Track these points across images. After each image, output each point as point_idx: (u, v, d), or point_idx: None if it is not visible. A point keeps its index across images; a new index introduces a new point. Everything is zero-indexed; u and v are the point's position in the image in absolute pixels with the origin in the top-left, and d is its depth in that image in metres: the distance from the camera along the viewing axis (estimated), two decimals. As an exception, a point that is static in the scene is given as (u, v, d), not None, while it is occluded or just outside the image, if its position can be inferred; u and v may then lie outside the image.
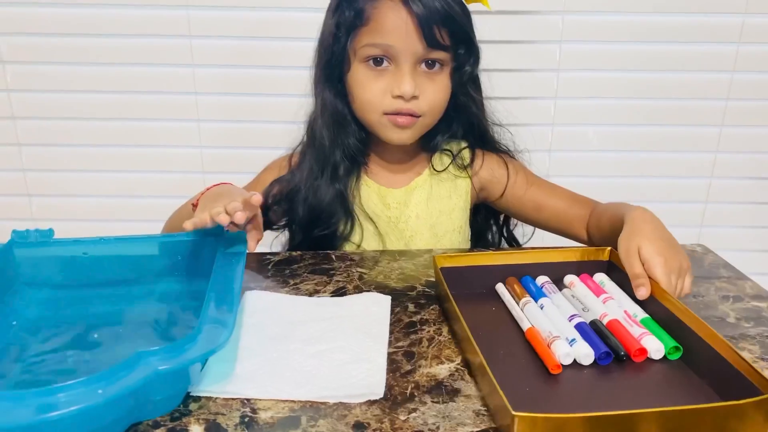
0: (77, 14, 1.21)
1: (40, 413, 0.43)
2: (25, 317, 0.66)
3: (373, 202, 0.90)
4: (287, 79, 1.24)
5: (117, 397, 0.45)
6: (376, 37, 0.79)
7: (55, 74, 1.25)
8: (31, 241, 0.69)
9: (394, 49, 0.79)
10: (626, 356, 0.58)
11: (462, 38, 0.81)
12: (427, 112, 0.83)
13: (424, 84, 0.81)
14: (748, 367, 0.50)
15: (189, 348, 0.50)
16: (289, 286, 0.73)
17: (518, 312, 0.65)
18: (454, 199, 0.91)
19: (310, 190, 0.86)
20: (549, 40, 1.23)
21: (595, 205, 0.88)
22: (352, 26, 0.81)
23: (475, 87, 0.88)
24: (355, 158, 0.88)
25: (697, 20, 1.21)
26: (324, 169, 0.86)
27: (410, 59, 0.79)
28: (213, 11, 1.21)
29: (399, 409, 0.52)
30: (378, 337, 0.61)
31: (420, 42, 0.78)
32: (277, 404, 0.52)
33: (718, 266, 0.79)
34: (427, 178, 0.91)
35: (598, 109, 1.28)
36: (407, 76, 0.79)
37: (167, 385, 0.50)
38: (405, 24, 0.77)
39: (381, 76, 0.81)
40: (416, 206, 0.90)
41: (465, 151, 0.92)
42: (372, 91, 0.81)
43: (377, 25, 0.79)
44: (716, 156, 1.31)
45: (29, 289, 0.69)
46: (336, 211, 0.86)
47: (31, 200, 1.34)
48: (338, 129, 0.86)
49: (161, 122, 1.29)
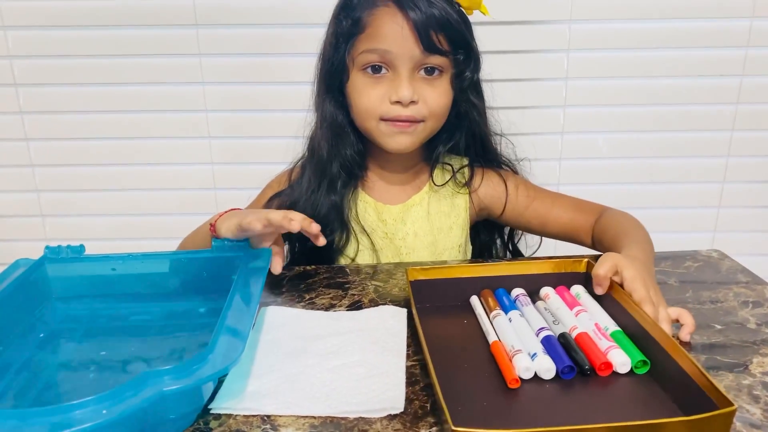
0: (88, 35, 1.22)
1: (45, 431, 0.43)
2: (53, 330, 0.67)
3: (369, 216, 0.89)
4: (296, 94, 1.24)
5: (122, 417, 0.45)
6: (373, 43, 0.79)
7: (66, 95, 1.26)
8: (62, 256, 0.71)
9: (391, 55, 0.79)
10: (591, 370, 0.57)
11: (460, 44, 0.81)
12: (429, 117, 0.82)
13: (423, 89, 0.81)
14: (707, 383, 0.49)
15: (199, 368, 0.49)
16: (305, 301, 0.73)
17: (487, 325, 0.64)
18: (453, 217, 0.90)
19: (308, 203, 0.86)
20: (557, 49, 1.23)
21: (602, 213, 0.87)
22: (350, 35, 0.81)
23: (477, 94, 0.88)
24: (352, 170, 0.88)
25: (705, 25, 1.21)
26: (321, 182, 0.86)
27: (408, 64, 0.79)
28: (222, 29, 1.22)
29: (420, 423, 0.51)
30: (396, 350, 0.61)
31: (417, 47, 0.78)
32: (297, 420, 0.52)
33: (736, 272, 0.78)
34: (426, 195, 0.91)
35: (607, 116, 1.28)
36: (405, 81, 0.79)
37: (179, 404, 0.50)
38: (402, 29, 0.78)
39: (379, 82, 0.81)
40: (414, 224, 0.89)
41: (465, 169, 0.91)
42: (370, 98, 0.81)
43: (374, 31, 0.79)
44: (728, 160, 1.30)
45: (60, 304, 0.71)
46: (331, 223, 0.86)
47: (45, 220, 1.35)
48: (337, 140, 0.86)
49: (172, 140, 1.30)
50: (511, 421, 0.51)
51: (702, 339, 0.63)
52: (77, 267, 0.72)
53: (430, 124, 0.84)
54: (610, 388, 0.56)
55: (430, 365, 0.52)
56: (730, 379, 0.56)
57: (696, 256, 0.83)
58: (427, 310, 0.68)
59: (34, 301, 0.69)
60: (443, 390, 0.50)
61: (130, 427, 0.47)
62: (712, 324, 0.66)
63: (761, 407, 0.52)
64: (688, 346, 0.62)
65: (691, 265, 0.80)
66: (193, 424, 0.52)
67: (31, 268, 0.69)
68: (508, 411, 0.53)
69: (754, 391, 0.54)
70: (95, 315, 0.70)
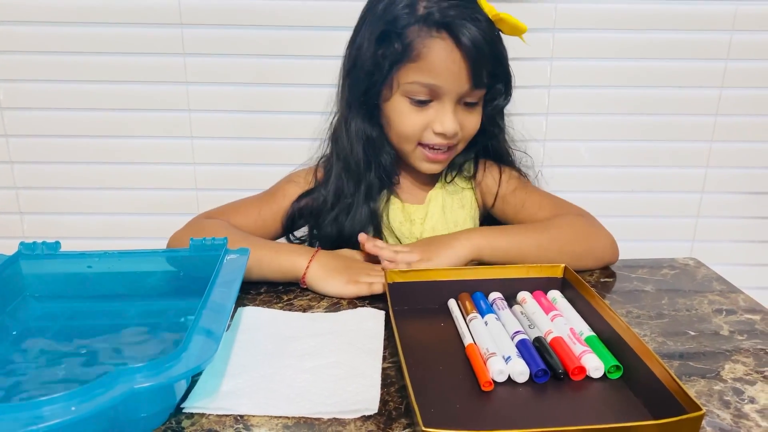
0: (70, 32, 1.21)
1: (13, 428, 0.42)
2: (26, 328, 0.66)
3: (398, 220, 0.90)
4: (281, 96, 1.24)
5: (91, 414, 0.44)
6: (425, 76, 0.79)
7: (47, 92, 1.25)
8: (37, 253, 0.70)
9: (441, 89, 0.80)
10: (564, 374, 0.57)
11: (503, 77, 0.83)
12: (462, 140, 0.85)
13: (463, 118, 0.83)
14: (677, 387, 0.49)
15: (171, 366, 0.49)
16: (282, 302, 0.73)
17: (463, 328, 0.64)
18: (465, 210, 0.92)
19: (341, 208, 0.86)
20: (540, 57, 1.24)
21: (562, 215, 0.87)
22: (399, 59, 0.79)
23: (501, 117, 0.91)
24: (389, 177, 0.89)
25: (686, 37, 1.23)
26: (359, 188, 0.87)
27: (454, 97, 0.81)
28: (207, 29, 1.21)
29: (394, 424, 0.51)
30: (372, 352, 0.61)
31: (468, 83, 0.79)
32: (270, 420, 0.52)
33: (711, 280, 0.79)
34: (439, 190, 0.92)
35: (589, 125, 1.29)
36: (451, 114, 0.81)
37: (151, 402, 0.50)
38: (455, 65, 0.78)
39: (423, 111, 0.82)
40: (431, 218, 0.91)
41: (470, 162, 0.93)
42: (412, 126, 0.82)
43: (427, 64, 0.78)
44: (707, 171, 1.32)
45: (34, 301, 0.70)
46: (365, 228, 0.87)
47: (23, 218, 1.33)
48: (372, 150, 0.87)
49: (154, 139, 1.28)
50: (483, 423, 0.51)
51: (676, 345, 0.64)
52: (52, 264, 0.71)
53: (461, 146, 0.87)
54: (583, 392, 0.56)
55: (404, 366, 0.52)
56: (701, 384, 0.57)
57: (673, 263, 0.84)
58: (404, 312, 0.68)
59: (7, 298, 0.68)
60: (417, 392, 0.50)
61: (101, 424, 0.46)
62: (686, 331, 0.67)
63: (731, 412, 0.53)
64: (659, 351, 0.63)
65: (667, 273, 0.81)
66: (165, 423, 0.52)
67: (4, 264, 0.68)
68: (480, 413, 0.53)
69: (725, 396, 0.55)
70: (70, 313, 0.70)
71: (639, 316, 0.70)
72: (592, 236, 0.82)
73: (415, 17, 0.78)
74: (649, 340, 0.64)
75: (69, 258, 0.71)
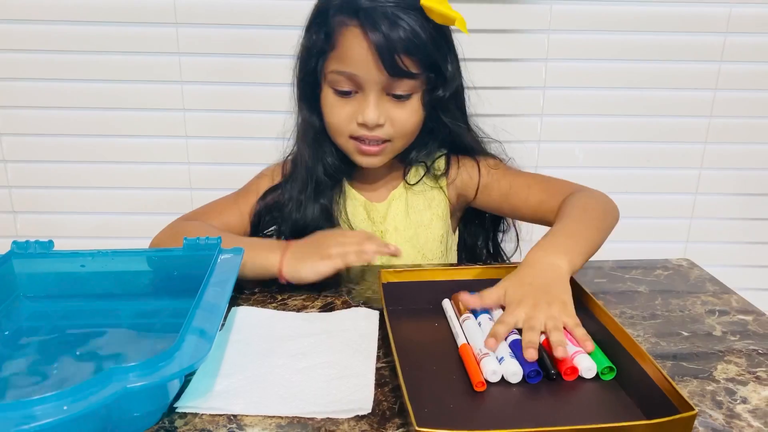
0: (64, 30, 1.21)
1: (7, 427, 0.42)
2: (19, 327, 0.66)
3: (359, 216, 0.90)
4: (275, 96, 1.23)
5: (84, 413, 0.44)
6: (342, 65, 0.79)
7: (41, 90, 1.24)
8: (30, 252, 0.70)
9: (358, 78, 0.79)
10: (557, 375, 0.57)
11: (429, 65, 0.80)
12: (396, 137, 0.83)
13: (391, 110, 0.81)
14: (670, 388, 0.49)
15: (164, 365, 0.49)
16: (276, 302, 0.73)
17: (457, 328, 0.64)
18: (432, 209, 0.91)
19: (295, 205, 0.86)
20: (535, 57, 1.24)
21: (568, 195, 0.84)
22: (322, 49, 0.81)
23: (457, 109, 0.87)
24: (335, 176, 0.88)
25: (680, 39, 1.23)
26: (308, 185, 0.86)
27: (375, 87, 0.79)
28: (201, 28, 1.21)
29: (387, 424, 0.51)
30: (366, 352, 0.61)
31: (381, 72, 0.77)
32: (263, 420, 0.52)
33: (704, 280, 0.80)
34: (403, 191, 0.91)
35: (584, 126, 1.29)
36: (371, 105, 0.79)
37: (144, 401, 0.49)
38: (367, 53, 0.77)
39: (348, 102, 0.81)
40: (394, 219, 0.90)
41: (440, 161, 0.91)
42: (338, 116, 0.82)
43: (342, 53, 0.79)
44: (701, 172, 1.32)
45: (27, 300, 0.70)
46: (321, 226, 0.86)
47: (16, 217, 1.32)
48: (317, 147, 0.87)
49: (149, 139, 1.28)
50: (477, 423, 0.51)
51: (669, 346, 0.64)
52: (45, 263, 0.71)
53: (398, 144, 0.84)
54: (576, 392, 0.56)
55: (397, 366, 0.53)
56: (694, 385, 0.57)
57: (666, 264, 0.84)
58: (398, 312, 0.68)
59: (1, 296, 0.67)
60: (411, 392, 0.50)
61: (93, 423, 0.46)
62: (680, 331, 0.67)
63: (724, 412, 0.53)
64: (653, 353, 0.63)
65: (661, 273, 0.81)
66: (158, 423, 0.51)
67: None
68: (474, 413, 0.53)
69: (718, 396, 0.55)
70: (63, 312, 0.69)
71: (632, 317, 0.70)
72: (609, 204, 0.83)
73: (334, 7, 0.79)
74: (643, 341, 0.65)
75: (62, 257, 0.71)
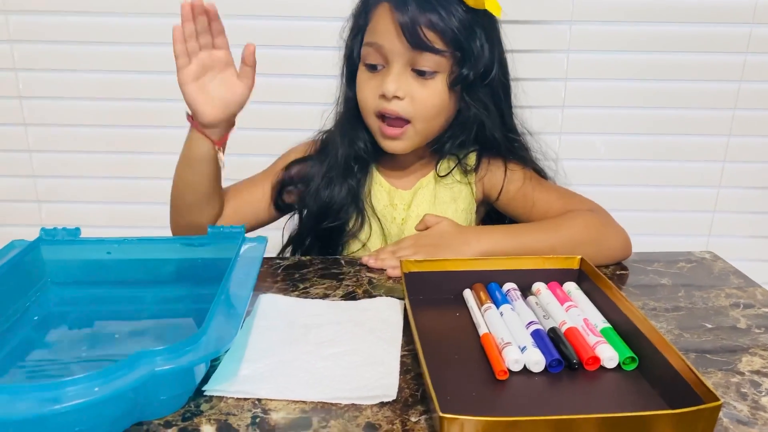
0: (91, 22, 1.22)
1: (39, 407, 0.43)
2: (47, 313, 0.67)
3: (382, 201, 0.90)
4: (293, 88, 1.25)
5: (114, 395, 0.45)
6: (370, 37, 0.82)
7: (66, 81, 1.26)
8: (58, 239, 0.71)
9: (384, 50, 0.81)
10: (579, 364, 0.57)
11: (454, 43, 0.80)
12: (416, 117, 0.82)
13: (413, 87, 0.81)
14: (694, 378, 0.49)
15: (191, 349, 0.49)
16: (299, 290, 0.74)
17: (478, 317, 0.65)
18: (458, 203, 0.91)
19: (323, 181, 0.87)
20: (557, 49, 1.24)
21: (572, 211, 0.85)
22: (361, 28, 0.85)
23: (489, 95, 0.86)
24: (366, 160, 0.89)
25: (705, 30, 1.22)
26: (338, 164, 0.88)
27: (399, 60, 0.81)
28: (222, 20, 1.22)
29: (410, 410, 0.52)
30: (391, 340, 0.61)
31: (403, 43, 0.79)
32: (288, 405, 0.52)
33: (728, 273, 0.79)
34: (432, 181, 0.91)
35: (605, 117, 1.28)
36: (392, 75, 0.81)
37: (171, 384, 0.50)
38: (391, 24, 0.79)
39: (374, 77, 0.83)
40: (418, 207, 0.90)
41: (471, 156, 0.91)
42: (365, 92, 0.84)
43: (372, 26, 0.83)
44: (724, 165, 1.31)
45: (54, 286, 0.71)
46: (347, 207, 0.87)
47: (41, 206, 1.35)
48: (351, 131, 0.88)
49: (171, 129, 1.29)
50: (499, 410, 0.52)
51: (692, 338, 0.64)
52: (72, 250, 0.72)
53: (419, 126, 0.83)
54: (598, 382, 0.56)
55: (420, 355, 0.53)
56: (719, 377, 0.57)
57: (689, 257, 0.84)
58: (420, 302, 0.68)
59: (28, 283, 0.69)
60: (433, 379, 0.51)
61: (122, 405, 0.47)
62: (703, 323, 0.66)
63: (748, 404, 0.53)
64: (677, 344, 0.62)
65: (684, 266, 0.81)
66: (185, 406, 0.52)
67: (25, 249, 0.68)
68: (496, 401, 0.53)
69: (742, 388, 0.55)
70: (90, 298, 0.70)
71: (655, 309, 0.70)
72: (604, 235, 0.81)
73: None
74: (666, 333, 0.64)
75: (89, 244, 0.72)
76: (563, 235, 0.80)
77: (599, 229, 0.82)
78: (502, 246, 0.79)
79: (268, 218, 0.93)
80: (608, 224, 0.83)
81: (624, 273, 0.79)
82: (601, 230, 0.82)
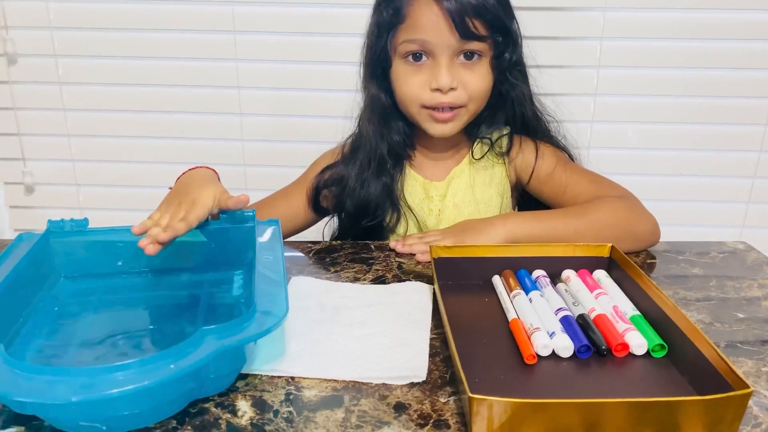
0: (129, 9, 1.25)
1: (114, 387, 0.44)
2: (65, 304, 0.66)
3: (418, 195, 0.91)
4: (329, 75, 1.26)
5: (187, 372, 0.46)
6: (412, 34, 0.82)
7: (105, 67, 1.29)
8: (66, 230, 0.70)
9: (430, 44, 0.81)
10: (607, 351, 0.57)
11: (497, 27, 0.82)
12: (469, 101, 0.84)
13: (463, 75, 0.83)
14: (724, 366, 0.49)
15: (247, 326, 0.51)
16: (330, 273, 0.75)
17: (507, 303, 0.65)
18: (494, 186, 0.92)
19: (358, 182, 0.88)
20: (590, 36, 1.23)
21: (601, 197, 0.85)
22: (391, 25, 0.84)
23: (520, 74, 0.89)
24: (400, 154, 0.90)
25: (743, 17, 1.19)
26: (371, 163, 0.88)
27: (447, 52, 0.81)
28: (257, 6, 1.23)
29: (439, 391, 0.53)
30: (420, 323, 0.62)
31: (453, 35, 0.80)
32: (320, 383, 0.54)
33: (762, 264, 0.78)
34: (466, 167, 0.92)
35: (638, 106, 1.27)
36: (444, 68, 0.81)
37: (225, 363, 0.51)
38: (438, 19, 0.79)
39: (420, 70, 0.83)
40: (454, 196, 0.91)
41: (504, 138, 0.92)
42: (411, 85, 0.84)
43: (413, 22, 0.81)
44: (760, 156, 1.28)
45: (68, 277, 0.70)
46: (383, 204, 0.88)
47: (79, 189, 1.38)
48: (384, 125, 0.89)
49: (204, 115, 1.32)
50: (527, 393, 0.53)
51: (724, 327, 0.63)
52: (82, 241, 0.70)
53: (471, 107, 0.86)
54: (626, 368, 0.56)
55: (450, 337, 0.54)
56: (749, 365, 0.57)
57: (722, 247, 0.83)
58: (449, 287, 0.69)
59: (42, 276, 0.67)
60: (462, 362, 0.52)
61: (189, 383, 0.49)
62: (735, 313, 0.66)
63: (779, 393, 0.53)
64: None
65: (716, 256, 0.80)
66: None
67: (37, 243, 0.67)
68: (524, 384, 0.54)
69: (774, 378, 0.55)
70: (105, 288, 0.69)
71: (685, 298, 0.69)
72: (632, 221, 0.81)
73: None
74: (696, 322, 0.64)
75: (98, 234, 0.70)
76: (589, 220, 0.80)
77: (626, 214, 0.82)
78: (528, 228, 0.79)
79: (304, 226, 0.96)
80: (636, 209, 0.83)
81: (654, 262, 0.79)
82: (628, 215, 0.82)
